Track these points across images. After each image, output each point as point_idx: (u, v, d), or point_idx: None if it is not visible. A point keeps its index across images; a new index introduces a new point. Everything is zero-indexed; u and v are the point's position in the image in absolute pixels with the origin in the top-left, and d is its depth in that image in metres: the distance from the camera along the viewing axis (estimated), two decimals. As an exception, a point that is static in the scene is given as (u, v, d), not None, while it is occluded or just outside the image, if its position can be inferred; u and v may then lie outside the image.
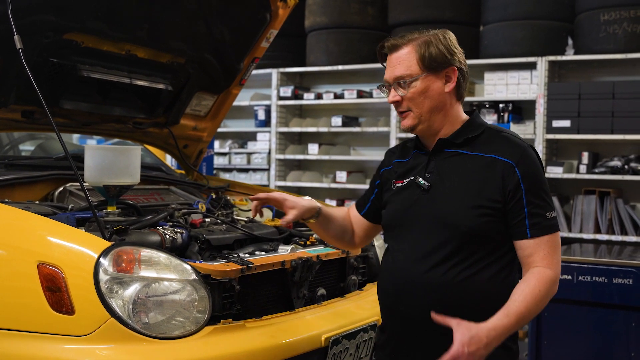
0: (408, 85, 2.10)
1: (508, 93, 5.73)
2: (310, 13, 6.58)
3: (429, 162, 2.15)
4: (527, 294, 1.97)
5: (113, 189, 2.90)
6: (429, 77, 2.10)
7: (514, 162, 2.03)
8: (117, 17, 3.16)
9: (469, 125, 2.15)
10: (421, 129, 2.14)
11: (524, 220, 2.02)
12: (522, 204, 2.01)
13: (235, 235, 3.04)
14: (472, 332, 1.89)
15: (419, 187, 2.13)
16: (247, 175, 6.96)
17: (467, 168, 2.08)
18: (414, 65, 2.10)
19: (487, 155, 2.07)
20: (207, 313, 2.39)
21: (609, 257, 4.17)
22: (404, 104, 2.13)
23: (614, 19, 5.31)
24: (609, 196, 5.35)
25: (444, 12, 5.96)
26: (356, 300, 3.08)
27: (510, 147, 2.07)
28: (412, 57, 2.10)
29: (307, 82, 7.05)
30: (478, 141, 2.11)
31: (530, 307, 1.97)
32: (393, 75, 2.13)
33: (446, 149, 2.14)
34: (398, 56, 2.13)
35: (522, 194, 2.01)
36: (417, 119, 2.12)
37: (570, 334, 4.03)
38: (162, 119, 3.83)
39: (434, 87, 2.10)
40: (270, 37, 3.78)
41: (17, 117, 3.28)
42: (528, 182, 2.02)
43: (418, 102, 2.10)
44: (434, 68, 2.09)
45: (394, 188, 2.22)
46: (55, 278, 2.25)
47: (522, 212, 2.02)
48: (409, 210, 2.14)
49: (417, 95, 2.10)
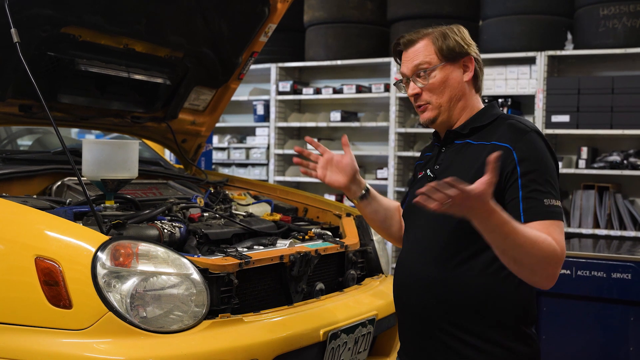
0: (428, 75, 2.09)
1: (507, 88, 5.72)
2: (309, 7, 6.58)
3: (439, 154, 2.16)
4: (530, 231, 1.82)
5: (111, 183, 2.89)
6: (448, 67, 2.09)
7: (512, 146, 1.97)
8: (115, 11, 3.14)
9: (479, 115, 2.13)
10: (441, 121, 2.13)
11: (518, 204, 1.91)
12: (516, 187, 1.92)
13: (234, 229, 3.04)
14: (490, 190, 1.71)
15: (427, 179, 2.13)
16: (246, 170, 6.96)
17: (468, 157, 2.07)
18: (432, 55, 2.09)
19: (489, 143, 2.03)
20: (205, 307, 2.38)
21: (607, 252, 4.18)
22: (424, 96, 2.12)
23: (614, 13, 5.31)
24: (608, 191, 5.35)
25: (442, 7, 5.95)
26: (355, 295, 3.08)
27: (512, 133, 2.01)
28: (430, 48, 2.10)
29: (306, 77, 7.04)
30: (485, 130, 2.10)
31: (527, 238, 1.80)
32: (411, 66, 2.11)
33: (455, 140, 2.14)
34: (415, 49, 2.12)
35: (517, 177, 1.93)
36: (437, 109, 2.11)
37: (569, 329, 4.03)
38: (160, 114, 3.82)
39: (452, 76, 2.10)
40: (268, 31, 3.77)
41: (14, 111, 3.27)
42: (525, 165, 1.94)
43: (438, 92, 2.10)
44: (452, 57, 2.09)
45: (415, 180, 2.26)
46: (53, 272, 2.24)
47: (516, 196, 1.92)
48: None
49: (437, 86, 2.09)
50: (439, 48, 2.09)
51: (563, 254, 1.88)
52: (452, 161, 2.11)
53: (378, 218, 2.37)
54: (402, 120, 6.25)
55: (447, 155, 2.14)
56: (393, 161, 6.19)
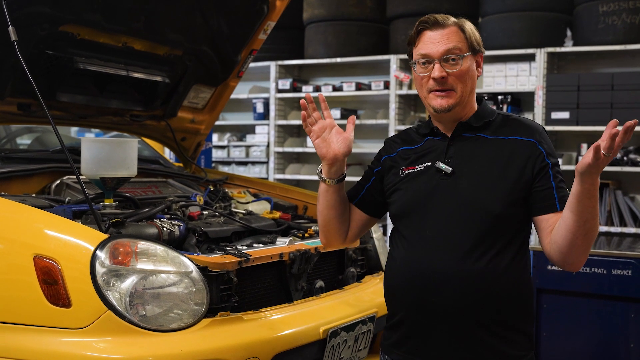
0: (458, 61, 2.05)
1: (507, 85, 5.71)
2: (308, 5, 6.57)
3: (449, 147, 2.11)
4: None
5: (110, 181, 2.89)
6: (471, 58, 2.09)
7: (536, 140, 2.04)
8: (114, 9, 3.14)
9: (484, 110, 2.14)
10: (456, 111, 2.09)
11: (552, 193, 2.00)
12: (549, 178, 2.00)
13: (233, 227, 3.04)
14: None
15: (439, 172, 2.07)
16: (246, 168, 6.96)
17: (490, 151, 2.06)
18: (464, 42, 2.07)
19: (507, 138, 2.06)
20: (205, 305, 2.38)
21: (608, 249, 4.17)
22: (450, 81, 2.06)
23: (613, 10, 5.30)
24: (608, 188, 5.34)
25: (442, 4, 5.94)
26: (354, 293, 3.08)
27: (527, 128, 2.08)
28: (461, 36, 2.08)
29: (306, 75, 7.04)
30: (494, 125, 2.11)
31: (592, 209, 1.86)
32: (443, 49, 2.05)
33: (464, 134, 2.12)
34: (447, 32, 2.07)
35: (549, 167, 2.01)
36: (458, 98, 2.07)
37: (570, 326, 4.03)
38: (159, 112, 3.82)
39: (473, 68, 2.09)
40: (267, 29, 3.77)
41: (13, 110, 3.27)
42: (551, 158, 2.03)
43: (463, 80, 2.07)
44: (475, 51, 2.10)
45: (403, 174, 2.14)
46: (52, 271, 2.24)
47: (550, 186, 2.00)
48: (428, 196, 2.07)
49: (463, 73, 2.07)
50: (469, 37, 2.08)
51: None
52: (471, 155, 2.07)
53: (341, 208, 2.22)
54: (402, 118, 6.24)
55: (460, 148, 2.10)
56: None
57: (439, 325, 2.02)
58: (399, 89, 6.17)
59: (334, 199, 2.21)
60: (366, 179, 2.28)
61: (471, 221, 2.00)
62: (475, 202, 2.01)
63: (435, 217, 2.05)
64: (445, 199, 2.05)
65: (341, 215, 2.24)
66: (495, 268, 1.99)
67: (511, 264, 2.01)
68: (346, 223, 2.27)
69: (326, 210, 2.23)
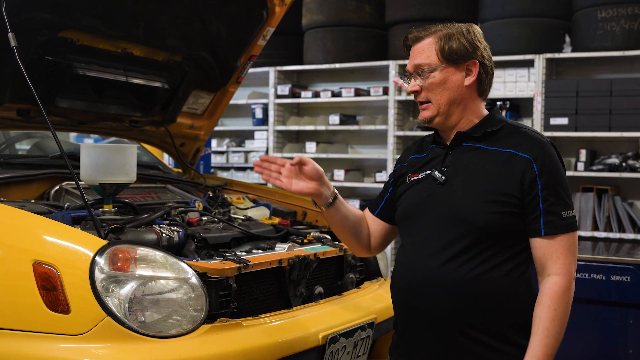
0: (426, 75, 2.09)
1: (505, 91, 5.72)
2: (307, 11, 6.58)
3: (446, 156, 2.13)
4: (544, 320, 1.99)
5: (109, 187, 2.89)
6: (449, 69, 2.08)
7: (532, 157, 2.00)
8: (113, 14, 3.14)
9: (489, 120, 2.13)
10: (438, 122, 2.12)
11: (538, 217, 1.98)
12: (537, 201, 1.98)
13: (232, 233, 3.03)
14: None
15: (434, 181, 2.10)
16: (245, 174, 6.96)
17: (484, 162, 2.06)
18: (433, 55, 2.09)
19: (505, 151, 2.04)
20: (204, 312, 2.38)
21: (606, 255, 4.17)
22: (422, 94, 2.11)
23: (611, 16, 5.31)
24: (607, 194, 5.35)
25: (440, 10, 5.96)
26: (354, 299, 3.07)
27: (530, 143, 2.04)
28: (432, 48, 2.09)
29: (305, 81, 7.04)
30: (497, 136, 2.09)
31: (553, 330, 2.01)
32: (413, 64, 2.12)
33: (464, 143, 2.12)
34: (420, 47, 2.12)
35: (538, 190, 1.98)
36: (435, 110, 2.10)
37: (568, 331, 3.99)
38: (158, 117, 3.82)
39: (453, 79, 2.08)
40: (267, 34, 3.77)
41: (12, 116, 3.26)
42: (545, 178, 1.99)
43: (436, 92, 2.09)
44: (454, 60, 2.08)
45: (409, 182, 2.19)
46: (51, 277, 2.24)
47: (538, 209, 1.98)
48: (423, 203, 2.11)
49: (435, 86, 2.08)
50: (441, 49, 2.08)
51: (571, 274, 2.02)
52: (466, 164, 2.08)
53: (349, 224, 2.28)
54: (401, 124, 6.25)
55: (457, 157, 2.11)
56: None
57: (426, 330, 2.07)
58: (398, 94, 6.18)
59: (338, 218, 2.27)
60: (385, 190, 2.34)
61: (457, 230, 2.02)
62: (460, 212, 2.03)
63: (425, 223, 2.10)
64: (435, 207, 2.08)
65: (353, 229, 2.31)
66: (480, 277, 1.99)
67: (502, 275, 2.00)
68: (362, 235, 2.33)
69: (336, 228, 2.31)
